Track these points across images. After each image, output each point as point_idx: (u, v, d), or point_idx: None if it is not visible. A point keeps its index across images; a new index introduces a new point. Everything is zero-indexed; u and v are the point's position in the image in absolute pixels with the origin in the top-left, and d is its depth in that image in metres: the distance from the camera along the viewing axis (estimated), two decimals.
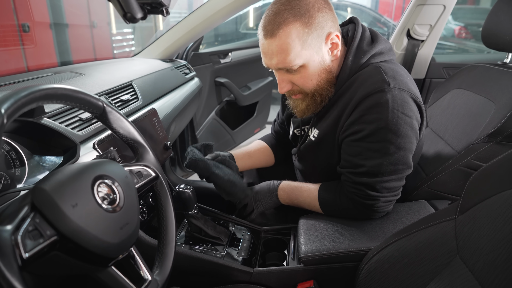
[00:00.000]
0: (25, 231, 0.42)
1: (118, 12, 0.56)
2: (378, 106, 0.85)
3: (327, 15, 0.87)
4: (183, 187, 0.95)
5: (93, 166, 0.54)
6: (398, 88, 0.86)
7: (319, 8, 0.86)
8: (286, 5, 0.85)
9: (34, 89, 0.49)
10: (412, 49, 1.85)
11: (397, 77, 0.88)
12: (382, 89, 0.85)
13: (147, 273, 0.59)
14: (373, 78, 0.88)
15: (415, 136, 0.90)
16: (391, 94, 0.85)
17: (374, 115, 0.86)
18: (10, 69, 2.92)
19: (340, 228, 0.95)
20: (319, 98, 0.95)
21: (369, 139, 0.88)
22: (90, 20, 4.02)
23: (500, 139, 1.01)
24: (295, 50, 0.85)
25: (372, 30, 0.99)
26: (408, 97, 0.87)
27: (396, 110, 0.85)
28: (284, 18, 0.84)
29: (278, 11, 0.85)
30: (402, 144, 0.87)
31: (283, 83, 0.94)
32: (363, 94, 0.87)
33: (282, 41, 0.85)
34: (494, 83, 1.14)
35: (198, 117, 2.16)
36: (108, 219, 0.51)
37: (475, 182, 0.66)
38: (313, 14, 0.85)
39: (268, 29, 0.85)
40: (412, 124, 0.88)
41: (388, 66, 0.91)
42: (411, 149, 0.90)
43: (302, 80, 0.92)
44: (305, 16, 0.84)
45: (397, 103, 0.85)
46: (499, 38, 1.16)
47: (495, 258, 0.56)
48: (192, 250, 0.95)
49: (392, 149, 0.87)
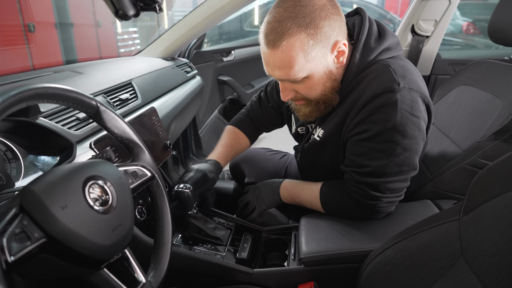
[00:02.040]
0: (11, 233, 0.41)
1: (110, 10, 0.55)
2: (386, 106, 0.82)
3: (334, 22, 0.80)
4: (182, 187, 0.94)
5: (85, 166, 0.53)
6: (408, 88, 0.83)
7: (326, 16, 0.79)
8: (290, 11, 0.77)
9: (23, 89, 0.48)
10: (416, 45, 1.82)
11: (407, 76, 0.85)
12: (392, 89, 0.82)
13: (141, 275, 0.58)
14: (382, 78, 0.84)
15: (422, 137, 0.88)
16: (401, 94, 0.82)
17: (382, 115, 0.83)
18: (15, 68, 2.94)
19: (341, 228, 0.94)
20: (323, 106, 0.92)
21: (375, 139, 0.85)
22: (95, 19, 4.03)
23: (507, 137, 0.98)
24: (298, 64, 0.80)
25: (379, 24, 0.94)
26: (417, 97, 0.84)
27: (404, 110, 0.82)
28: (287, 28, 0.77)
29: (281, 19, 0.78)
30: (408, 145, 0.85)
31: (286, 92, 0.90)
32: (371, 94, 0.83)
33: (285, 54, 0.79)
34: (501, 79, 1.11)
35: (200, 116, 2.15)
36: (99, 221, 0.50)
37: (480, 181, 0.64)
38: (319, 23, 0.78)
39: (270, 38, 0.79)
40: (420, 125, 0.86)
41: (397, 64, 0.87)
42: (417, 151, 0.88)
43: (306, 90, 0.88)
44: (310, 26, 0.77)
45: (406, 103, 0.82)
46: (506, 33, 1.13)
47: (500, 261, 0.54)
48: (191, 250, 0.94)
49: (398, 150, 0.85)
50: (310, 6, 0.78)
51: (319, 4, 0.78)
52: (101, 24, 4.12)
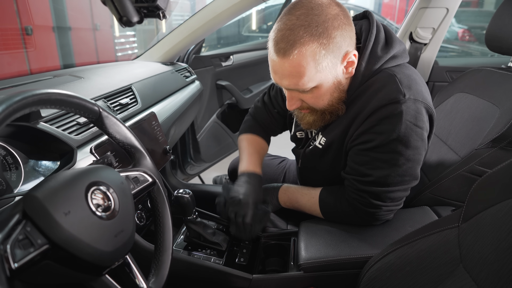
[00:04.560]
0: (14, 240, 0.41)
1: (114, 16, 0.55)
2: (391, 117, 0.82)
3: (346, 32, 0.79)
4: (182, 192, 0.94)
5: (87, 172, 0.53)
6: (413, 99, 0.82)
7: (339, 26, 0.77)
8: (302, 20, 0.75)
9: (27, 94, 0.48)
10: (414, 52, 1.84)
11: (413, 86, 0.84)
12: (398, 100, 0.81)
13: (143, 282, 0.58)
14: (388, 88, 0.83)
15: (424, 147, 0.88)
16: (406, 106, 0.81)
17: (387, 126, 0.82)
18: (12, 72, 2.93)
19: (341, 234, 0.94)
20: (328, 116, 0.91)
21: (378, 149, 0.85)
22: (93, 23, 4.03)
23: (505, 145, 0.99)
24: (308, 73, 0.78)
25: (387, 30, 0.91)
26: (422, 108, 0.84)
27: (409, 122, 0.82)
28: (299, 36, 0.74)
29: (293, 27, 0.75)
30: (411, 156, 0.85)
31: (293, 101, 0.88)
32: (377, 105, 0.83)
33: (296, 64, 0.76)
34: (498, 87, 1.12)
35: (199, 120, 2.15)
36: (102, 227, 0.50)
37: (479, 189, 0.65)
38: (332, 33, 0.76)
39: (281, 46, 0.76)
40: (423, 135, 0.86)
41: (403, 73, 0.86)
42: (419, 161, 0.88)
43: (313, 100, 0.87)
44: (323, 36, 0.75)
45: (410, 114, 0.82)
46: (503, 42, 1.14)
47: (499, 268, 0.55)
48: (190, 256, 0.93)
49: (401, 161, 0.85)
50: (323, 15, 0.76)
51: (332, 13, 0.77)
52: (99, 27, 4.11)
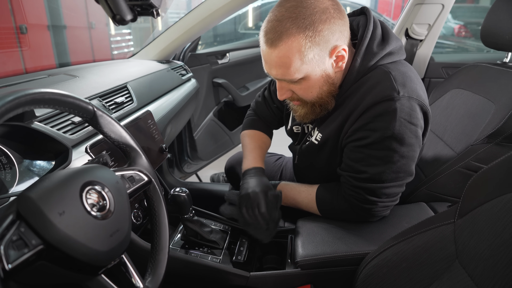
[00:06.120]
0: (8, 241, 0.40)
1: (107, 14, 0.55)
2: (385, 114, 0.82)
3: (335, 26, 0.80)
4: (178, 191, 0.94)
5: (82, 172, 0.53)
6: (407, 96, 0.83)
7: (327, 19, 0.78)
8: (291, 11, 0.77)
9: (20, 94, 0.47)
10: (410, 48, 1.84)
11: (407, 84, 0.84)
12: (392, 97, 0.82)
13: (139, 281, 0.58)
14: (382, 85, 0.84)
15: (418, 144, 0.88)
16: (400, 103, 0.82)
17: (381, 123, 0.83)
18: (7, 71, 2.91)
19: (337, 231, 0.94)
20: (318, 109, 0.92)
21: (373, 146, 0.86)
22: (88, 21, 4.00)
23: (500, 140, 0.99)
24: (294, 65, 0.80)
25: (383, 26, 0.92)
26: (416, 106, 0.84)
27: (403, 119, 0.82)
28: (286, 28, 0.77)
29: (281, 18, 0.78)
30: (406, 152, 0.86)
31: (283, 91, 0.90)
32: (371, 102, 0.83)
33: (282, 54, 0.79)
34: (494, 83, 1.13)
35: (195, 119, 2.15)
36: (97, 227, 0.50)
37: (475, 185, 0.65)
38: (318, 27, 0.77)
39: (269, 37, 0.79)
40: (417, 132, 0.86)
41: (397, 70, 0.86)
42: (414, 157, 0.89)
43: (302, 91, 0.88)
44: (309, 29, 0.77)
45: (404, 112, 0.82)
46: (499, 37, 1.14)
47: (495, 264, 0.55)
48: (187, 254, 0.93)
49: (396, 158, 0.85)
50: (311, 8, 0.77)
51: (321, 7, 0.78)
52: (95, 26, 4.09)
